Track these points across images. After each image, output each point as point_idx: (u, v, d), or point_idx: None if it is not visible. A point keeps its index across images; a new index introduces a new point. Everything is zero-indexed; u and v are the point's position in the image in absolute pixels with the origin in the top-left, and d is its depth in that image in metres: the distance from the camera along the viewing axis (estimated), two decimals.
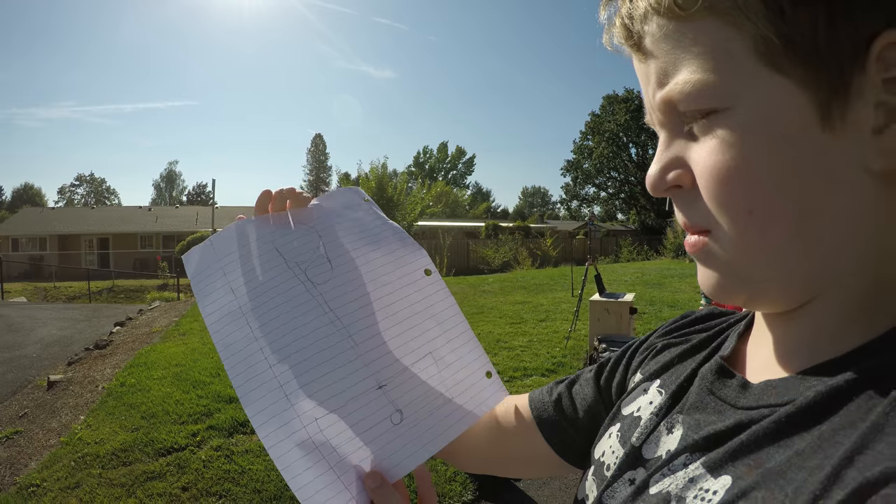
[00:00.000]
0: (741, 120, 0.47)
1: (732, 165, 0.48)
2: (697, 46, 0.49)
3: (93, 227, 45.89)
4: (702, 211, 0.52)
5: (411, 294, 0.89)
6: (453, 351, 0.88)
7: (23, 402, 7.48)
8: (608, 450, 0.70)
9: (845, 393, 0.44)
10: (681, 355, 0.72)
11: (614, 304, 8.08)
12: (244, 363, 0.78)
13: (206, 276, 0.84)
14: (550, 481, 4.73)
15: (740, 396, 0.55)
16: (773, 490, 0.43)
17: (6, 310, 17.14)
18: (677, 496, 0.52)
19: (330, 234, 0.90)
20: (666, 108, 0.53)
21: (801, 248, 0.48)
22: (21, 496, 4.61)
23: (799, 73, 0.45)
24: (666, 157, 0.55)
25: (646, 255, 34.04)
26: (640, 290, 15.16)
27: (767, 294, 0.52)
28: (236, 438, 5.59)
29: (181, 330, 11.57)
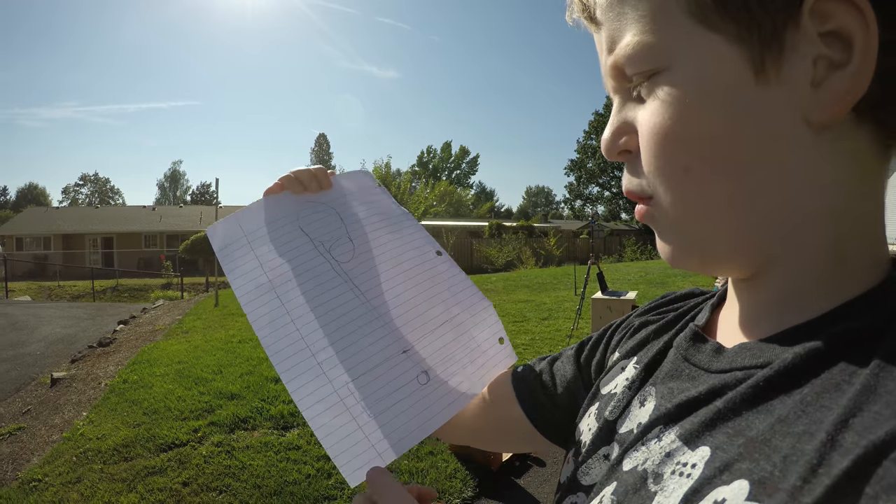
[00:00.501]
0: (678, 78, 0.48)
1: (669, 124, 0.48)
2: (638, 10, 0.50)
3: (97, 226, 45.98)
4: (642, 175, 0.53)
5: (426, 271, 0.94)
6: (470, 318, 0.94)
7: (26, 398, 7.50)
8: (586, 429, 0.70)
9: (825, 356, 0.43)
10: (656, 331, 0.72)
11: (616, 303, 8.07)
12: (276, 334, 0.82)
13: (233, 249, 0.88)
14: (551, 478, 4.71)
15: (713, 360, 0.54)
16: (759, 460, 0.41)
17: (11, 308, 17.19)
18: (654, 472, 0.51)
19: (349, 214, 0.94)
20: (615, 73, 0.54)
21: (743, 205, 0.48)
22: (23, 491, 4.62)
23: (731, 29, 0.45)
24: (617, 121, 0.56)
25: (649, 255, 34.04)
26: (643, 288, 15.14)
27: (718, 255, 0.52)
28: (237, 434, 5.60)
29: (184, 328, 11.61)
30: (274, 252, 0.88)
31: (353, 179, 0.99)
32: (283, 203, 0.92)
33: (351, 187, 0.98)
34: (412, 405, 0.83)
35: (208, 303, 15.90)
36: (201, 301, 16.87)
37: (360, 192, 0.98)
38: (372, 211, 0.97)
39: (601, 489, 0.57)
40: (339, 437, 0.78)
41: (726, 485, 0.42)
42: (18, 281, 30.12)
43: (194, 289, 24.67)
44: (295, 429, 5.72)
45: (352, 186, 0.98)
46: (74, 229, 44.68)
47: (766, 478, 0.39)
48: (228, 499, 4.37)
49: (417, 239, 0.97)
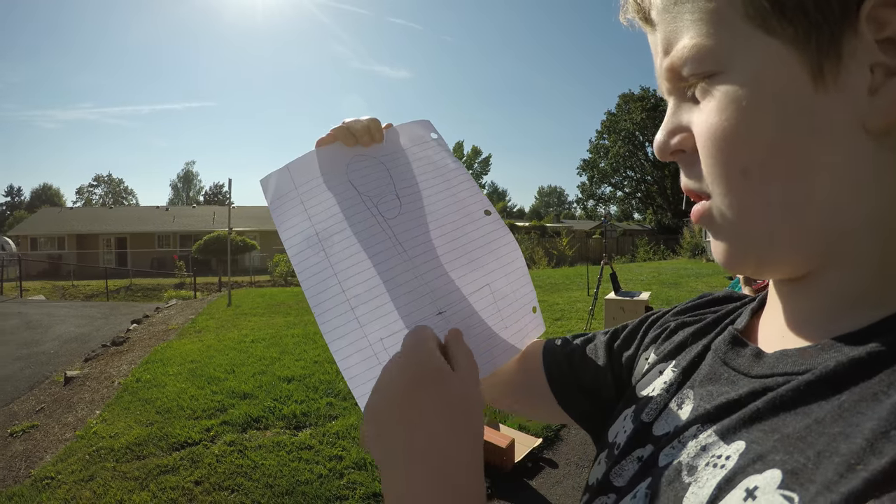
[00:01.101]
0: (735, 81, 0.48)
1: (726, 126, 0.49)
2: (695, 13, 0.50)
3: (111, 226, 46.30)
4: (700, 174, 0.53)
5: (472, 231, 0.93)
6: (509, 284, 0.93)
7: (40, 396, 7.55)
8: (620, 430, 0.69)
9: (867, 365, 0.42)
10: (694, 334, 0.71)
11: (629, 303, 8.04)
12: (320, 286, 0.84)
13: (284, 202, 0.89)
14: (563, 479, 4.70)
15: (754, 365, 0.54)
16: (793, 453, 0.41)
17: (25, 307, 17.32)
18: (688, 465, 0.51)
19: (398, 169, 0.93)
20: (671, 74, 0.54)
21: (800, 208, 0.47)
22: (36, 488, 4.64)
23: (789, 33, 0.45)
24: (672, 122, 0.56)
25: (662, 255, 33.96)
26: (655, 289, 15.09)
27: (773, 257, 0.51)
28: (249, 434, 5.61)
29: (197, 327, 11.66)
30: (322, 205, 0.88)
31: (407, 131, 0.97)
32: (333, 155, 0.91)
33: (404, 140, 0.96)
34: None
35: (221, 302, 15.97)
36: (214, 301, 16.95)
37: (412, 145, 0.96)
38: (422, 165, 0.95)
39: (635, 485, 0.57)
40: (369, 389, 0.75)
41: (759, 473, 0.42)
42: (33, 280, 30.35)
43: (207, 288, 24.72)
44: (307, 428, 5.72)
45: (405, 139, 0.96)
46: (88, 229, 45.03)
47: (800, 469, 0.39)
48: (240, 498, 4.37)
49: (467, 198, 0.95)
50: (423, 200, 0.93)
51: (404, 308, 0.85)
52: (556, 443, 5.45)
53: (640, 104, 55.72)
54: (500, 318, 0.91)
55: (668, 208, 54.62)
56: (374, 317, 0.83)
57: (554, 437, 5.53)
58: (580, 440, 5.47)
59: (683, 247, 30.95)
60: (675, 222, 49.14)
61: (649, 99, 55.33)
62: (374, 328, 0.83)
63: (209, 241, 29.81)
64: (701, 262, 25.36)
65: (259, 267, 36.08)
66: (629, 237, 44.58)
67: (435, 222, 0.91)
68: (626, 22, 0.62)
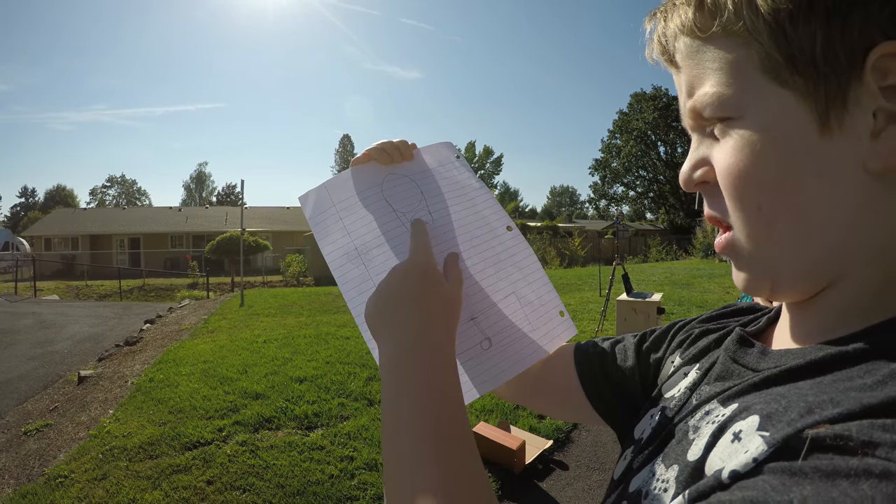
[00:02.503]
0: (750, 126, 0.54)
1: (742, 166, 0.54)
2: (716, 63, 0.56)
3: (124, 227, 46.56)
4: (722, 206, 0.59)
5: (496, 246, 1.01)
6: (533, 292, 1.01)
7: (53, 396, 7.61)
8: (647, 427, 0.75)
9: (852, 357, 0.49)
10: (717, 340, 0.77)
11: (641, 304, 8.01)
12: (361, 297, 0.92)
13: (323, 218, 0.96)
14: (574, 481, 4.69)
15: (760, 361, 0.61)
16: (770, 403, 0.48)
17: (39, 307, 17.47)
18: (694, 426, 0.59)
19: (428, 188, 1.00)
20: (693, 114, 0.60)
21: (806, 240, 0.53)
22: (49, 487, 4.67)
23: (799, 85, 0.50)
24: (695, 156, 0.62)
25: (675, 255, 33.82)
26: (668, 289, 15.04)
27: (784, 283, 0.57)
28: (262, 434, 5.63)
29: (210, 327, 11.71)
30: (360, 221, 0.95)
31: (434, 153, 1.05)
32: (369, 174, 0.98)
33: (431, 161, 1.03)
34: (473, 368, 0.91)
35: (234, 303, 16.04)
36: (227, 301, 17.03)
37: (439, 165, 1.04)
38: (449, 184, 1.02)
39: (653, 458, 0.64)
40: None
41: (743, 420, 0.50)
42: (47, 280, 30.56)
43: (220, 289, 24.83)
44: (319, 429, 5.73)
45: (431, 160, 1.04)
46: (102, 230, 45.32)
47: (773, 413, 0.47)
48: (252, 498, 4.39)
49: (490, 214, 1.03)
50: (452, 215, 1.00)
51: None
52: (566, 445, 5.44)
53: (652, 103, 55.56)
54: (528, 321, 0.98)
55: (681, 208, 54.40)
56: None
57: (565, 439, 5.52)
58: (591, 442, 5.46)
59: (696, 247, 30.77)
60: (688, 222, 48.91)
61: (661, 98, 55.18)
62: None
63: (222, 242, 29.86)
64: (713, 263, 25.23)
65: (271, 267, 36.16)
66: (641, 237, 44.38)
67: (463, 236, 0.99)
68: (652, 60, 0.68)
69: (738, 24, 0.53)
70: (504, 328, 0.96)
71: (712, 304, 12.87)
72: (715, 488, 0.46)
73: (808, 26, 0.48)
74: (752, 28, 0.52)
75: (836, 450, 0.39)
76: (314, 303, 15.53)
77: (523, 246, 1.03)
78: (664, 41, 0.64)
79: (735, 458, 0.46)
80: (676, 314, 11.62)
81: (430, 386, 0.66)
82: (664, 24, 0.63)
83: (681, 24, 0.59)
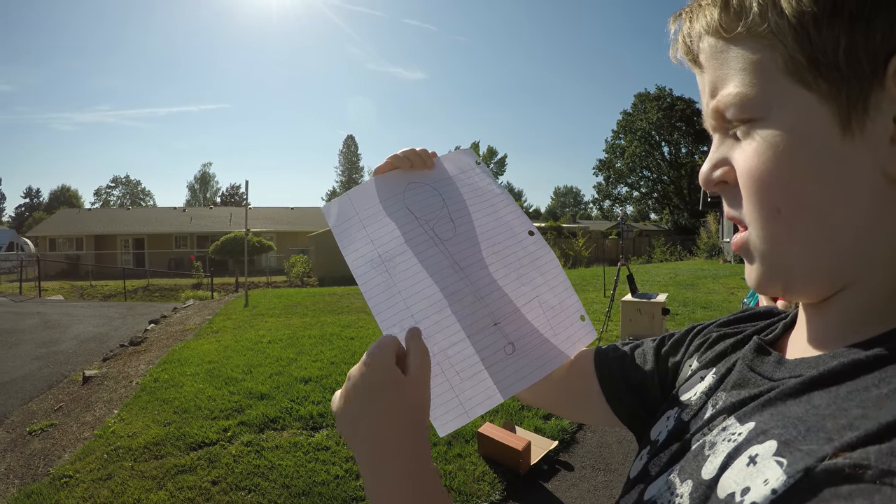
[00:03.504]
0: (773, 129, 0.54)
1: (764, 169, 0.55)
2: (740, 63, 0.56)
3: (128, 227, 46.67)
4: (741, 206, 0.60)
5: (518, 251, 1.02)
6: (556, 296, 1.02)
7: (58, 395, 7.62)
8: (663, 429, 0.76)
9: (866, 365, 0.49)
10: (734, 345, 0.78)
11: (646, 305, 8.00)
12: (385, 303, 0.92)
13: (347, 227, 0.98)
14: (579, 482, 4.68)
15: (776, 370, 0.61)
16: (789, 428, 0.48)
17: (44, 307, 17.52)
18: (710, 442, 0.59)
19: (450, 195, 1.02)
20: (716, 115, 0.60)
21: (823, 243, 0.53)
22: (54, 486, 4.67)
23: (822, 88, 0.50)
24: (716, 156, 0.63)
25: (679, 256, 33.75)
26: (672, 290, 15.02)
27: (797, 283, 0.58)
28: (266, 434, 5.63)
29: (214, 328, 11.72)
30: (383, 229, 0.97)
31: (454, 160, 1.07)
32: (391, 183, 1.00)
33: (452, 168, 1.06)
34: (497, 372, 0.92)
35: (238, 303, 16.05)
36: (231, 301, 17.04)
37: (460, 172, 1.06)
38: (470, 191, 1.04)
39: (668, 468, 0.66)
40: (433, 395, 0.87)
41: (760, 444, 0.50)
42: (51, 280, 30.63)
43: (224, 289, 24.88)
44: (324, 429, 5.73)
45: (452, 167, 1.06)
46: (106, 230, 45.45)
47: (791, 440, 0.47)
48: (257, 498, 4.38)
49: (512, 219, 1.04)
50: (474, 221, 1.02)
51: (464, 320, 0.93)
52: (571, 445, 5.43)
53: (655, 104, 55.47)
54: (550, 326, 0.99)
55: (685, 208, 54.29)
56: (436, 329, 0.91)
57: (570, 439, 5.52)
58: (596, 443, 5.45)
59: (700, 247, 30.71)
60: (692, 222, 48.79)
61: (665, 98, 55.11)
62: (437, 340, 0.91)
63: (226, 242, 29.86)
64: (718, 263, 25.19)
65: (275, 268, 36.20)
66: (645, 238, 44.31)
67: (485, 242, 1.00)
68: (676, 60, 0.68)
69: (762, 26, 0.53)
70: (527, 333, 0.97)
71: (717, 304, 12.86)
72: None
73: (831, 30, 0.49)
74: (777, 30, 0.52)
75: (854, 479, 0.39)
76: (319, 303, 15.53)
77: (545, 250, 1.04)
78: (689, 41, 0.64)
79: (751, 483, 0.47)
80: (681, 315, 11.62)
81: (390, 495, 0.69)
82: (689, 24, 0.63)
83: (706, 24, 0.60)
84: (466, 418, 0.90)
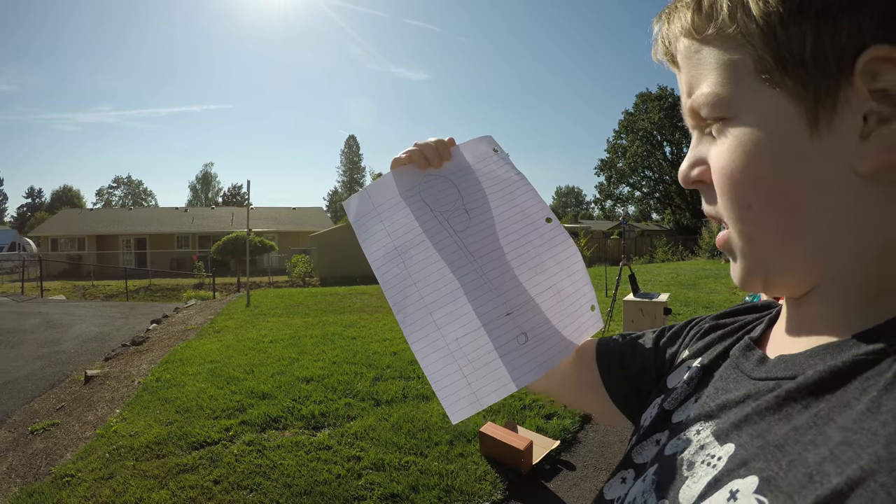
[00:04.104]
0: (744, 127, 0.56)
1: (734, 166, 0.56)
2: (712, 64, 0.58)
3: (130, 227, 46.67)
4: (717, 204, 0.62)
5: (535, 238, 1.03)
6: (572, 285, 1.03)
7: (60, 395, 7.63)
8: (648, 416, 0.78)
9: (843, 374, 0.49)
10: (721, 336, 0.79)
11: (648, 305, 7.99)
12: (401, 294, 0.95)
13: (366, 220, 1.00)
14: (581, 482, 4.68)
15: (756, 369, 0.62)
16: (770, 461, 0.47)
17: (46, 307, 17.53)
18: (688, 461, 0.59)
19: (466, 186, 1.03)
20: (692, 113, 0.62)
21: (794, 238, 0.55)
22: (56, 486, 4.67)
23: (789, 86, 0.52)
24: (693, 155, 0.65)
25: (681, 256, 33.70)
26: (674, 290, 15.01)
27: (775, 278, 0.59)
28: (268, 434, 5.63)
29: (216, 327, 11.72)
30: (400, 222, 0.99)
31: (472, 149, 1.07)
32: (408, 177, 1.01)
33: (469, 157, 1.06)
34: (509, 362, 0.93)
35: (240, 303, 16.05)
36: (233, 301, 17.04)
37: (477, 161, 1.06)
38: (488, 179, 1.05)
39: (647, 468, 0.67)
40: (446, 383, 0.91)
41: (741, 478, 0.49)
42: (53, 280, 30.67)
43: (226, 289, 24.88)
44: (325, 429, 5.73)
45: (469, 157, 1.06)
46: (108, 230, 45.45)
47: (773, 477, 0.46)
48: (259, 497, 4.38)
49: (530, 206, 1.05)
50: (490, 212, 1.02)
51: (477, 311, 0.94)
52: (573, 445, 5.42)
53: (657, 103, 55.38)
54: (564, 316, 1.01)
55: (687, 208, 54.20)
56: (449, 319, 0.93)
57: (572, 439, 5.51)
58: (598, 442, 5.44)
59: (702, 247, 30.67)
60: (694, 222, 48.86)
61: (667, 98, 55.01)
62: (450, 330, 0.93)
63: (228, 242, 29.93)
64: (720, 263, 25.15)
65: (277, 268, 36.22)
66: (647, 237, 44.30)
67: (502, 231, 1.01)
68: (657, 61, 0.70)
69: (732, 27, 0.55)
70: (539, 323, 0.98)
71: (718, 304, 12.84)
72: None
73: (798, 29, 0.50)
74: (745, 31, 0.54)
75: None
76: (320, 303, 15.53)
77: (563, 237, 1.05)
78: (667, 42, 0.67)
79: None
80: (683, 315, 11.58)
81: None
82: (667, 25, 0.66)
83: (681, 26, 0.62)
84: (478, 406, 0.91)
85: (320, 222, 47.97)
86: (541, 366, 0.95)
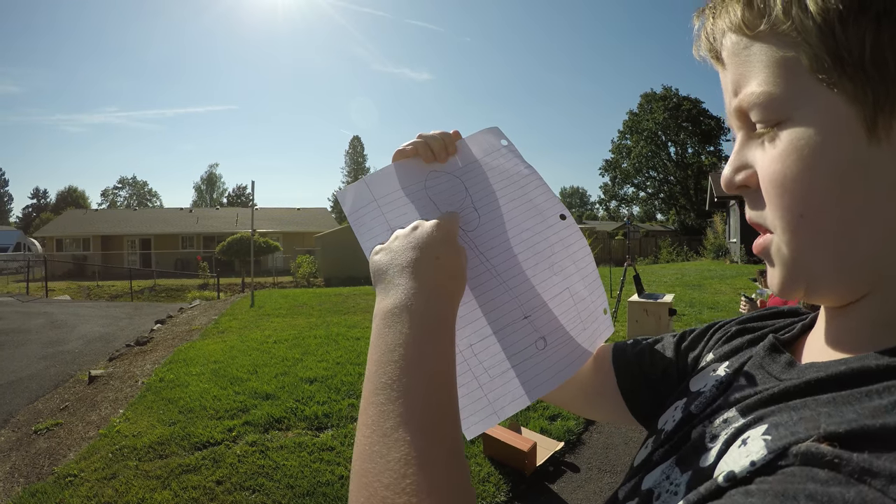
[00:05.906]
0: (798, 131, 0.52)
1: (787, 174, 0.53)
2: (763, 62, 0.54)
3: (135, 228, 46.76)
4: (764, 211, 0.58)
5: (550, 237, 0.96)
6: (586, 287, 0.98)
7: (64, 395, 7.65)
8: (670, 419, 0.75)
9: (874, 374, 0.48)
10: (750, 341, 0.77)
11: (653, 305, 7.98)
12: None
13: (364, 213, 0.93)
14: (585, 484, 4.67)
15: (784, 372, 0.61)
16: (782, 414, 0.51)
17: (51, 307, 17.58)
18: (712, 434, 0.60)
19: (474, 182, 0.96)
20: (739, 114, 0.59)
21: (847, 249, 0.52)
22: (58, 485, 4.68)
23: (848, 88, 0.48)
24: (738, 159, 0.61)
25: (685, 256, 33.71)
26: (679, 291, 14.98)
27: (820, 289, 0.56)
28: (271, 434, 5.63)
29: (220, 328, 11.74)
30: (404, 217, 0.91)
31: (479, 142, 1.00)
32: (411, 170, 0.95)
33: (476, 151, 0.99)
34: (528, 369, 0.88)
35: (244, 303, 16.08)
36: (237, 301, 17.08)
37: (485, 155, 0.99)
38: (497, 174, 0.98)
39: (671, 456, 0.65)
40: (460, 395, 0.82)
41: (753, 428, 0.52)
42: (58, 281, 30.81)
43: (230, 289, 24.88)
44: (329, 430, 5.73)
45: (477, 150, 0.99)
46: (113, 231, 45.54)
47: (782, 423, 0.49)
48: (261, 498, 4.38)
49: (542, 203, 0.98)
50: (501, 210, 0.96)
51: (492, 314, 0.89)
52: (577, 447, 5.42)
53: (662, 104, 55.44)
54: (580, 320, 0.95)
55: (692, 209, 54.22)
56: (463, 323, 0.87)
57: (576, 441, 5.51)
58: (602, 444, 5.43)
59: (707, 248, 30.68)
60: (699, 223, 48.75)
61: (671, 98, 55.08)
62: (465, 334, 0.87)
63: (232, 243, 29.93)
64: (724, 264, 25.13)
65: (282, 268, 36.28)
66: (652, 238, 44.23)
67: (514, 230, 0.95)
68: (700, 58, 0.66)
69: (786, 24, 0.51)
70: (558, 327, 0.93)
71: (723, 305, 12.82)
72: (712, 492, 0.48)
73: (857, 28, 0.47)
74: (801, 27, 0.50)
75: (833, 467, 0.40)
76: (325, 303, 15.54)
77: (578, 236, 0.99)
78: (711, 38, 0.63)
79: (740, 461, 0.48)
80: (688, 315, 11.57)
81: (433, 341, 0.66)
82: (712, 20, 0.62)
83: (729, 21, 0.58)
84: (496, 419, 0.87)
85: (325, 223, 47.91)
86: (560, 372, 0.90)
